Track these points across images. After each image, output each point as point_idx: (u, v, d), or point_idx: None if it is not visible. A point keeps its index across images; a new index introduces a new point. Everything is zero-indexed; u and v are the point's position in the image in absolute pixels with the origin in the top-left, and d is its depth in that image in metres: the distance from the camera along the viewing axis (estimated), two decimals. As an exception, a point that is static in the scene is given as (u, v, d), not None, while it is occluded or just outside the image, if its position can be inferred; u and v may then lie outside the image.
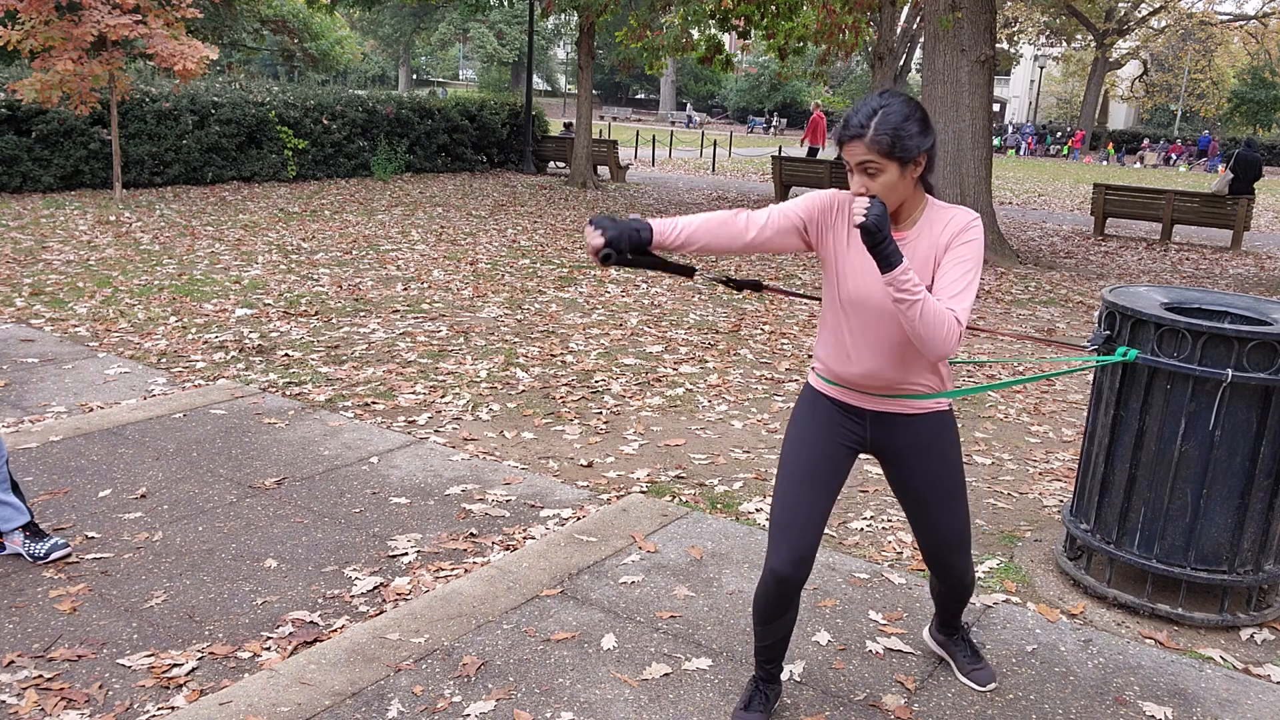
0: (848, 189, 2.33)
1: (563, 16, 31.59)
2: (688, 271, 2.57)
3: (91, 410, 4.97)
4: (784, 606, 2.51)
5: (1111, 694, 2.87)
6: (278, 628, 3.06)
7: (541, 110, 24.18)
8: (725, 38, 15.64)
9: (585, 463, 4.58)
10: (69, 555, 3.38)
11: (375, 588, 3.33)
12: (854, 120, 2.21)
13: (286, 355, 6.11)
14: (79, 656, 2.85)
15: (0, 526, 3.33)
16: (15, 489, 3.38)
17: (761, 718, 2.65)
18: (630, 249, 2.30)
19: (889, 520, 4.07)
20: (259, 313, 7.18)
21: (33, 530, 3.36)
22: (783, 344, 7.06)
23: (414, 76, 68.14)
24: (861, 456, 3.16)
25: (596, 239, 2.28)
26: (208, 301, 7.44)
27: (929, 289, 2.26)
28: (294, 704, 2.63)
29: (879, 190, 2.22)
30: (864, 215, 2.15)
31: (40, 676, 2.75)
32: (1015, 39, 43.69)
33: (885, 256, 2.14)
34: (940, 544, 2.59)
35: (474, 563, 3.53)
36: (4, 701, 2.64)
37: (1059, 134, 50.29)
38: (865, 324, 2.37)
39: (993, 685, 2.86)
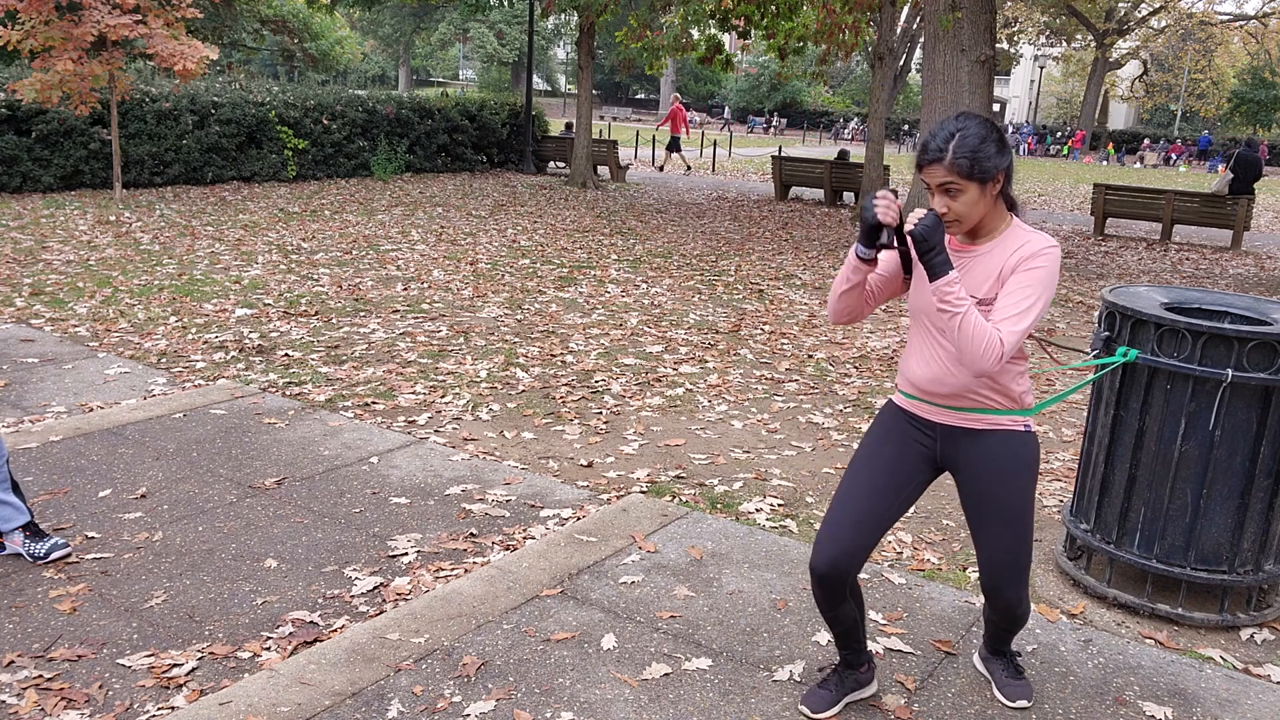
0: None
1: (563, 16, 31.60)
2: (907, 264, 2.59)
3: (91, 410, 4.97)
4: (833, 601, 2.55)
5: (1111, 694, 2.87)
6: (278, 628, 3.06)
7: (541, 110, 24.18)
8: (725, 38, 15.63)
9: (585, 463, 4.58)
10: (69, 555, 3.38)
11: (375, 588, 3.33)
12: (932, 144, 2.29)
13: (286, 355, 6.11)
14: (79, 656, 2.85)
15: (0, 526, 3.33)
16: (16, 489, 3.38)
17: (830, 695, 2.69)
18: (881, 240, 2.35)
19: (889, 520, 4.07)
20: (259, 313, 7.18)
21: (33, 530, 3.36)
22: (783, 344, 7.06)
23: (414, 76, 68.14)
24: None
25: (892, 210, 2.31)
26: (208, 301, 7.44)
27: (986, 303, 2.34)
28: (294, 704, 2.63)
29: (960, 209, 2.30)
30: (915, 224, 2.25)
31: (40, 676, 2.75)
32: (1015, 39, 43.69)
33: (933, 266, 2.25)
34: (991, 569, 2.56)
35: (474, 563, 3.53)
36: (4, 701, 2.64)
37: (1059, 134, 50.30)
38: (929, 330, 2.46)
39: (1024, 703, 2.77)
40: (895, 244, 2.43)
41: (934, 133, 2.31)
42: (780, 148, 28.63)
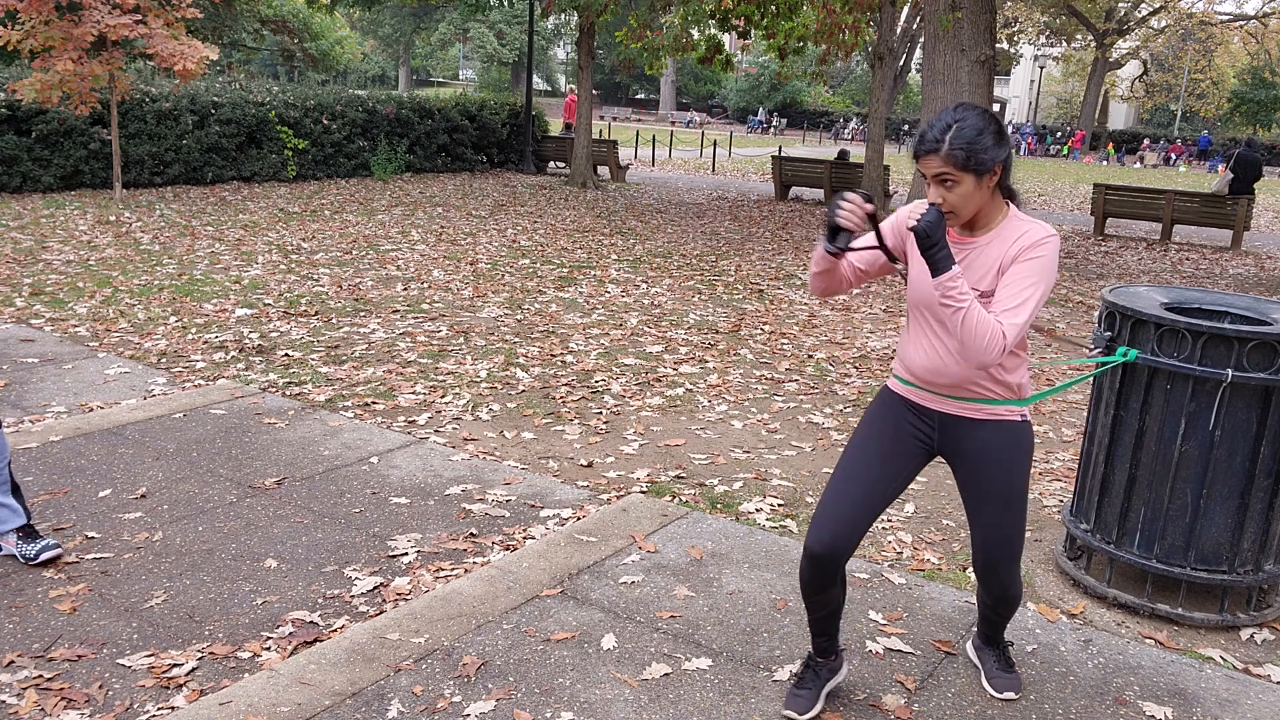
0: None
1: (563, 16, 31.59)
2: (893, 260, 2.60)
3: (91, 410, 4.97)
4: (822, 584, 2.55)
5: (1111, 694, 2.87)
6: (278, 628, 3.05)
7: (541, 110, 24.18)
8: (725, 38, 15.64)
9: (585, 463, 4.58)
10: (60, 556, 3.36)
11: (375, 588, 3.33)
12: (929, 135, 2.27)
13: (286, 355, 6.11)
14: (79, 656, 2.85)
15: None
16: (16, 491, 3.38)
17: (810, 694, 2.68)
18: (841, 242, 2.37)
19: (889, 520, 4.07)
20: (259, 313, 7.17)
21: (26, 531, 3.35)
22: (783, 344, 7.06)
23: (414, 76, 68.13)
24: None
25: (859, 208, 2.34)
26: (208, 301, 7.44)
27: (987, 295, 2.33)
28: (294, 704, 2.63)
29: (956, 200, 2.29)
30: (917, 220, 2.24)
31: (40, 676, 2.75)
32: (1015, 39, 43.70)
33: (935, 261, 2.24)
34: (988, 553, 2.60)
35: (474, 563, 3.53)
36: (4, 701, 2.64)
37: (1059, 134, 50.29)
38: (929, 322, 2.46)
39: (1010, 695, 2.80)
40: (865, 246, 2.43)
41: (932, 123, 2.29)
42: (780, 148, 28.64)
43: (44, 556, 3.32)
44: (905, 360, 2.55)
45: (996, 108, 58.72)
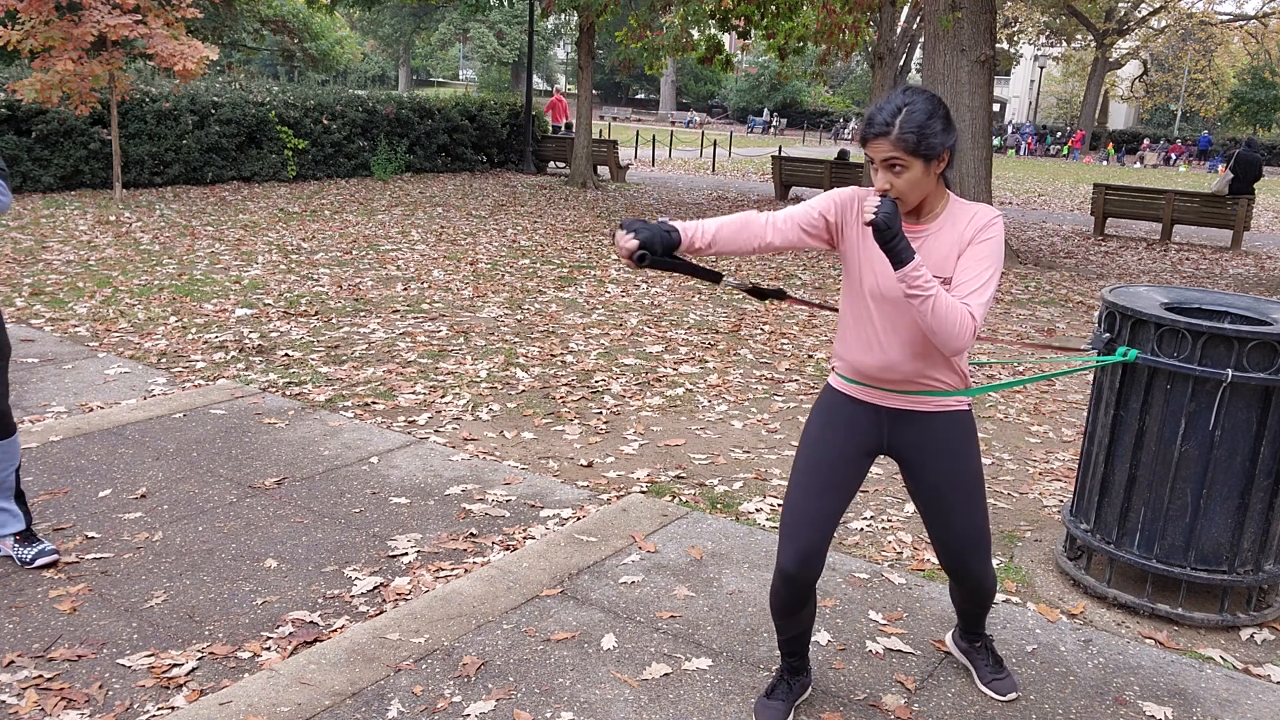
0: (844, 186, 2.34)
1: (563, 16, 31.58)
2: (714, 277, 2.56)
3: (91, 410, 4.97)
4: (797, 603, 2.53)
5: (1111, 694, 2.87)
6: (278, 628, 3.05)
7: (541, 110, 24.18)
8: (725, 38, 15.64)
9: (585, 463, 4.58)
10: (55, 563, 3.35)
11: (375, 588, 3.33)
12: (878, 118, 2.22)
13: (286, 355, 6.11)
14: (79, 656, 2.85)
15: None
16: (19, 497, 3.38)
17: (784, 706, 2.66)
18: (662, 251, 2.31)
19: (889, 520, 4.07)
20: (259, 313, 7.17)
21: (25, 536, 3.35)
22: (783, 344, 7.06)
23: (414, 76, 68.13)
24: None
25: (629, 241, 2.28)
26: (208, 301, 7.44)
27: (950, 281, 2.29)
28: (294, 704, 2.63)
29: (903, 186, 2.24)
30: (874, 213, 2.18)
31: (40, 676, 2.75)
32: (1015, 39, 43.68)
33: (897, 253, 2.18)
34: (957, 546, 2.56)
35: (474, 563, 3.53)
36: (4, 701, 2.64)
37: (1059, 134, 50.29)
38: (884, 315, 2.39)
39: (1013, 696, 2.80)
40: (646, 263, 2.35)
41: (880, 106, 2.24)
42: (780, 148, 28.64)
43: (39, 562, 3.31)
44: (849, 358, 2.48)
45: (996, 108, 58.77)
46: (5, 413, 3.25)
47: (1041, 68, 49.75)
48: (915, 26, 20.41)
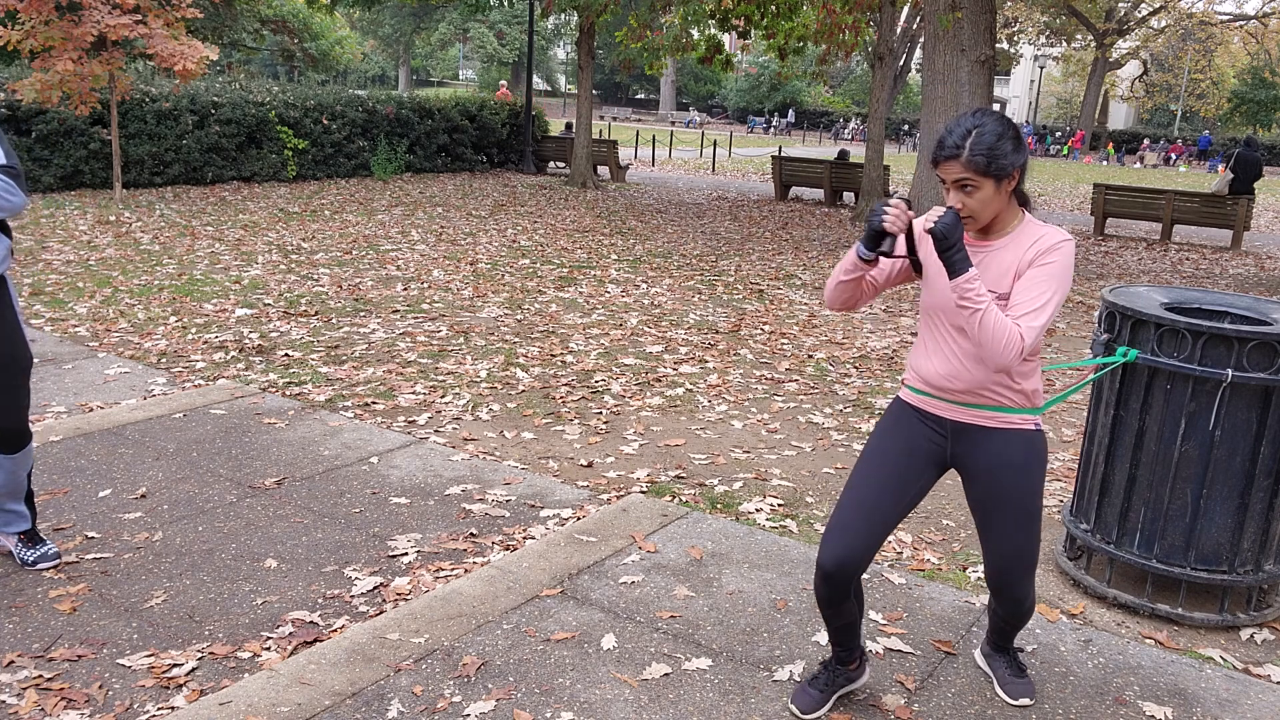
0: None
1: (563, 16, 31.60)
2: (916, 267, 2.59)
3: (91, 410, 4.97)
4: (836, 598, 2.55)
5: (1111, 694, 2.87)
6: (278, 628, 3.05)
7: (541, 110, 24.18)
8: (725, 38, 15.64)
9: (585, 463, 4.58)
10: (57, 565, 3.36)
11: (375, 588, 3.33)
12: (949, 141, 2.28)
13: (286, 355, 6.11)
14: (79, 656, 2.85)
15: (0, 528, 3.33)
16: (29, 499, 3.38)
17: (820, 695, 2.69)
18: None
19: (889, 520, 4.07)
20: (259, 313, 7.17)
21: (29, 536, 3.35)
22: (783, 344, 7.06)
23: (414, 76, 68.13)
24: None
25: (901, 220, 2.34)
26: (208, 301, 7.44)
27: (1007, 298, 2.33)
28: (294, 704, 2.63)
29: (975, 205, 2.30)
30: (934, 222, 2.25)
31: (40, 676, 2.75)
32: (1015, 39, 43.70)
33: (953, 263, 2.25)
34: (1003, 565, 2.57)
35: (474, 563, 3.53)
36: (4, 701, 2.64)
37: (1059, 134, 50.29)
38: (944, 327, 2.45)
39: (1025, 700, 2.79)
40: (903, 253, 2.42)
41: (951, 129, 2.30)
42: (780, 148, 28.64)
43: (41, 565, 3.32)
44: (918, 369, 2.53)
45: (996, 108, 58.66)
46: (25, 421, 3.27)
47: (1041, 68, 49.72)
48: (915, 26, 20.42)
